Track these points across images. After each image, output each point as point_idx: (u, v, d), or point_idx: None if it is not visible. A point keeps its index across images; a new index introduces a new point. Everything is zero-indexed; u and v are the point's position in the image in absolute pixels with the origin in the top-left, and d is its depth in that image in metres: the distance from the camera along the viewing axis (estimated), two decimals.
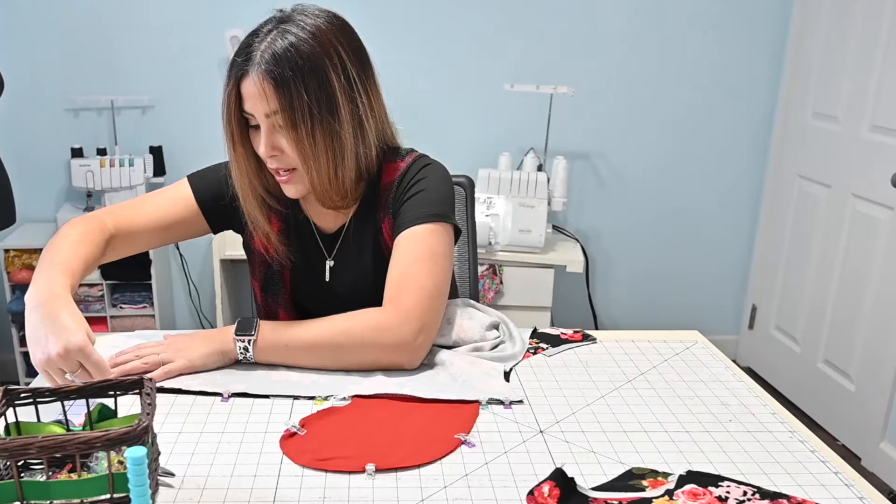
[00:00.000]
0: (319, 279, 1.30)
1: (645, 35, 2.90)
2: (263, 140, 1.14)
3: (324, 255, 1.30)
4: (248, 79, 1.11)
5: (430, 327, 1.15)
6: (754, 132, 3.04)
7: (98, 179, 2.65)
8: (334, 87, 1.12)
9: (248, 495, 0.85)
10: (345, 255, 1.29)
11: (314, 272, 1.30)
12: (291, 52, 1.10)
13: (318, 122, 1.11)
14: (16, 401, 0.86)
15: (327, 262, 1.29)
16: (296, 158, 1.15)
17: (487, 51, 2.87)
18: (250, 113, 1.14)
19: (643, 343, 1.30)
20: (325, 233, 1.30)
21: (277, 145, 1.14)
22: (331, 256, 1.29)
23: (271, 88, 1.10)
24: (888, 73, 2.39)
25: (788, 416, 1.07)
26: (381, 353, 1.13)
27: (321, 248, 1.30)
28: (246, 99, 1.13)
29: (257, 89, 1.10)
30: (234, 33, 2.67)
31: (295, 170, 1.17)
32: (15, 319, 2.72)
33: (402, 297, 1.14)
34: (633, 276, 3.16)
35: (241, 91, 1.13)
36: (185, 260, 2.98)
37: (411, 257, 1.17)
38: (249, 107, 1.13)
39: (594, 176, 3.04)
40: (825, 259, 2.69)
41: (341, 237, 1.28)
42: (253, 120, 1.15)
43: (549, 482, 0.85)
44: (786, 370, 2.95)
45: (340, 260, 1.29)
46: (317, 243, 1.30)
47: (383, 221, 1.26)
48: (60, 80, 2.75)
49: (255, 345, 1.12)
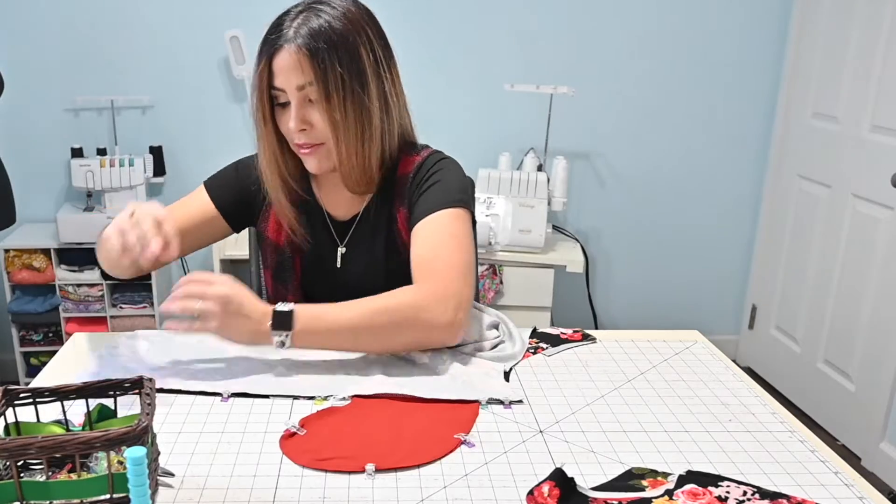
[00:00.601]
0: (330, 265, 1.32)
1: (645, 35, 2.90)
2: (294, 113, 1.16)
3: (336, 241, 1.32)
4: (283, 52, 1.15)
5: (466, 303, 1.15)
6: (754, 132, 3.04)
7: (98, 179, 2.65)
8: (364, 63, 1.17)
9: (247, 495, 0.85)
10: (357, 243, 1.31)
11: (325, 259, 1.32)
12: (326, 27, 1.14)
13: (349, 93, 1.15)
14: (16, 401, 0.86)
15: (339, 249, 1.32)
16: (326, 132, 1.18)
17: (487, 51, 2.87)
18: (281, 88, 1.16)
19: (643, 343, 1.30)
20: (338, 220, 1.32)
21: (308, 119, 1.18)
22: (343, 243, 1.31)
23: (306, 59, 1.13)
24: (888, 73, 2.39)
25: (788, 416, 1.07)
26: (423, 332, 1.13)
27: (333, 234, 1.32)
28: (278, 73, 1.16)
29: (292, 61, 1.14)
30: (234, 33, 2.67)
31: (322, 145, 1.20)
32: (15, 319, 2.72)
33: (434, 275, 1.15)
34: (633, 275, 3.16)
35: (272, 67, 1.16)
36: (185, 260, 2.98)
37: (435, 240, 1.20)
38: (282, 81, 1.16)
39: (594, 176, 3.04)
40: (825, 259, 2.69)
41: (354, 224, 1.31)
42: (282, 97, 1.18)
43: (548, 482, 0.85)
44: (786, 370, 2.95)
45: (352, 247, 1.31)
46: (329, 230, 1.32)
47: (398, 212, 1.28)
48: (60, 80, 2.75)
49: (293, 336, 1.10)
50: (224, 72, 2.81)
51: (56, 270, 2.68)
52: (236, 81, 2.80)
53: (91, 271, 2.70)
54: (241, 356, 1.16)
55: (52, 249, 2.66)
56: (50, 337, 2.78)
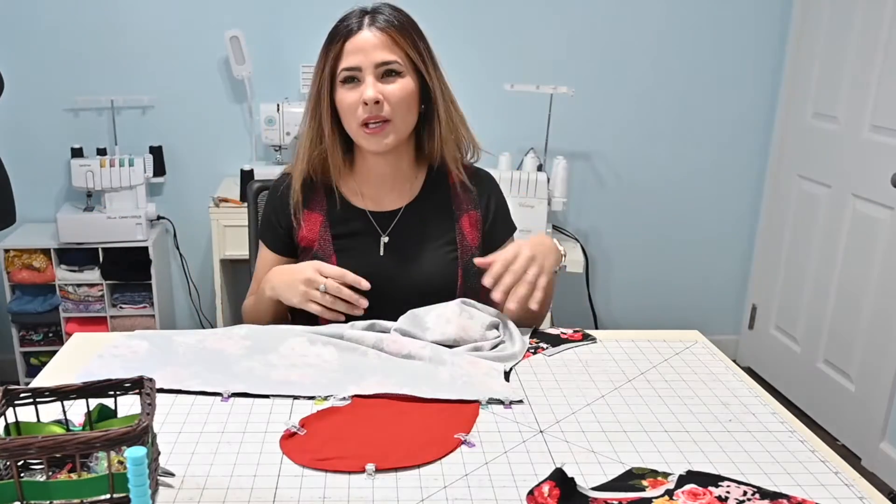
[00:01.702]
0: (373, 256, 1.35)
1: (645, 35, 2.90)
2: (371, 85, 1.25)
3: (378, 231, 1.37)
4: (363, 32, 1.25)
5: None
6: (754, 132, 3.04)
7: (98, 179, 2.65)
8: (431, 49, 1.33)
9: (247, 495, 0.85)
10: (401, 233, 1.36)
11: (364, 249, 1.36)
12: (398, 14, 1.29)
13: (426, 70, 1.30)
14: (16, 401, 0.86)
15: (382, 238, 1.36)
16: (398, 106, 1.27)
17: (487, 51, 2.87)
18: (356, 66, 1.25)
19: (643, 343, 1.30)
20: (377, 211, 1.38)
21: (384, 91, 1.26)
22: (386, 233, 1.37)
23: (395, 34, 1.26)
24: (888, 73, 2.39)
25: (788, 416, 1.07)
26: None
27: (374, 224, 1.37)
28: (354, 52, 1.25)
29: (376, 39, 1.25)
30: (234, 33, 2.67)
31: (388, 122, 1.27)
32: (15, 319, 2.72)
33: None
34: (633, 275, 3.16)
35: (344, 49, 1.25)
36: (185, 260, 2.98)
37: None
38: (358, 59, 1.25)
39: (594, 176, 3.04)
40: (825, 259, 2.69)
41: (399, 215, 1.37)
42: (353, 76, 1.26)
43: (549, 482, 0.85)
44: (786, 370, 2.95)
45: (397, 236, 1.36)
46: (368, 220, 1.37)
47: (465, 213, 1.40)
48: (60, 80, 2.75)
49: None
50: (224, 72, 2.81)
51: (56, 270, 2.68)
52: (236, 81, 2.80)
53: (91, 271, 2.71)
54: (241, 356, 1.16)
55: (52, 249, 2.66)
56: (50, 337, 2.78)
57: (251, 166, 2.63)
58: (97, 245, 2.69)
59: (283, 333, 1.22)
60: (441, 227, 1.38)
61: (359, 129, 1.28)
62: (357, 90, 1.26)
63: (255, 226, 1.59)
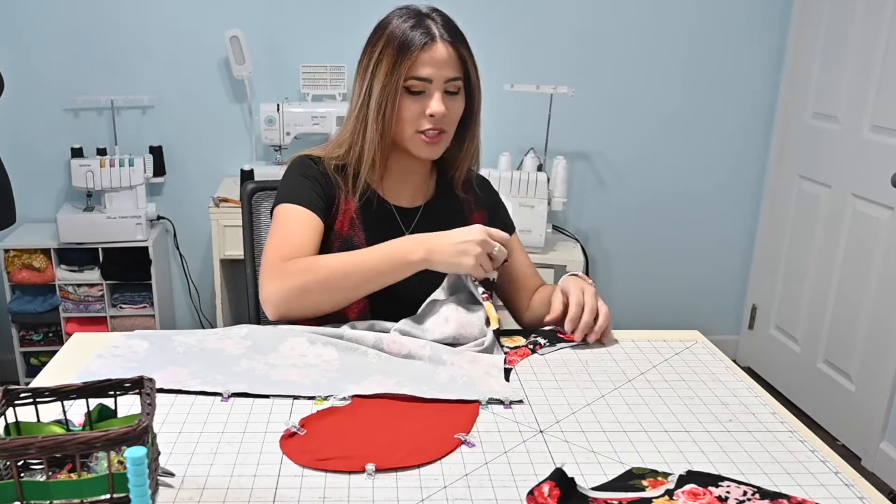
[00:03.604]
0: None
1: (645, 35, 2.90)
2: (439, 99, 1.29)
3: (402, 228, 1.41)
4: (438, 44, 1.28)
5: None
6: (754, 132, 3.04)
7: (98, 179, 2.65)
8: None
9: (248, 495, 0.85)
10: (422, 230, 1.37)
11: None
12: (460, 30, 1.33)
13: (477, 90, 1.36)
14: (16, 401, 0.86)
15: (405, 234, 1.39)
16: (454, 121, 1.33)
17: (487, 51, 2.86)
18: (428, 77, 1.28)
19: (643, 343, 1.30)
20: (402, 208, 1.42)
21: (447, 105, 1.30)
22: (409, 230, 1.41)
23: (463, 54, 1.30)
24: (888, 73, 2.39)
25: (788, 416, 1.07)
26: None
27: (399, 221, 1.41)
28: (429, 64, 1.27)
29: (449, 55, 1.28)
30: (234, 33, 2.67)
31: (444, 132, 1.32)
32: (15, 319, 2.72)
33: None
34: (633, 275, 3.16)
35: (419, 58, 1.27)
36: (185, 260, 2.98)
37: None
38: (432, 72, 1.28)
39: (594, 176, 3.04)
40: (825, 259, 2.69)
41: (420, 212, 1.43)
42: (421, 87, 1.28)
43: (549, 482, 0.85)
44: (786, 370, 2.95)
45: (419, 232, 1.36)
46: (394, 216, 1.41)
47: (475, 212, 1.47)
48: (60, 80, 2.75)
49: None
50: (224, 72, 2.81)
51: (56, 270, 2.68)
52: (236, 81, 2.80)
53: (91, 271, 2.71)
54: (241, 356, 1.16)
55: (52, 249, 2.66)
56: (50, 337, 2.78)
57: (251, 166, 2.63)
58: (97, 245, 2.69)
59: (283, 333, 1.21)
60: (455, 225, 1.35)
61: (415, 136, 1.32)
62: (420, 101, 1.29)
63: (251, 227, 1.60)
